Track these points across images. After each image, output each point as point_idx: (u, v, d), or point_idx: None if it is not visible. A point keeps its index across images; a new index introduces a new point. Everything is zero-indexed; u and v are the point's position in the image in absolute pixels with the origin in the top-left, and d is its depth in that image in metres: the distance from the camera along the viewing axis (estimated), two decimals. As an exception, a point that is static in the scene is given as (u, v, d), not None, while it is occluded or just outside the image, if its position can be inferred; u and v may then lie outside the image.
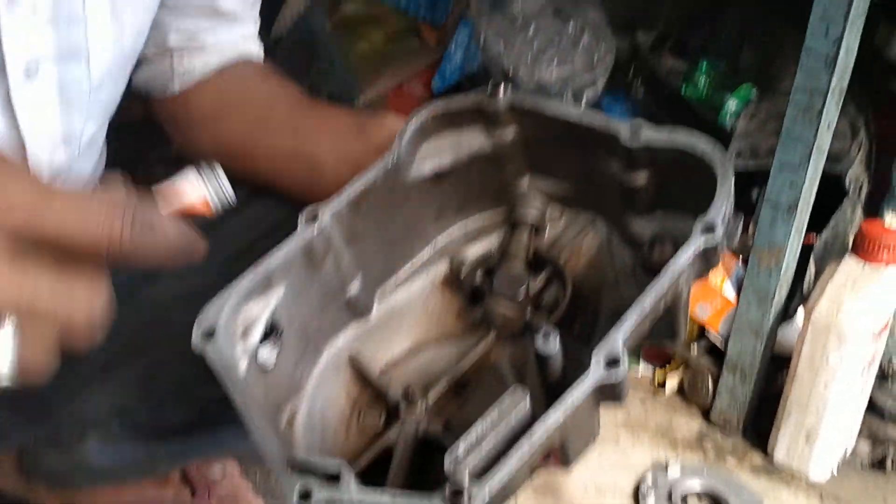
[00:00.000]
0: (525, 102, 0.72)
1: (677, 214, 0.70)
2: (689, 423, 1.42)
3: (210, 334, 0.60)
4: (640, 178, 0.68)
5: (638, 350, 1.55)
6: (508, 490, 0.52)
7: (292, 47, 2.24)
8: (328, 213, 0.68)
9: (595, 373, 0.53)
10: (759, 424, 1.39)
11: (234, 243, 0.91)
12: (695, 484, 1.25)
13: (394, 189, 0.72)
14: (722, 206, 0.60)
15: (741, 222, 0.63)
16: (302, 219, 0.67)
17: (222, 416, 0.96)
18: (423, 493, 0.50)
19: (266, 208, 0.95)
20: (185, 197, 0.56)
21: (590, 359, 0.54)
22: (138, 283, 0.92)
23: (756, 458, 1.34)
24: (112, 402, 0.93)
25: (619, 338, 0.55)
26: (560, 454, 0.57)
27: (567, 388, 0.53)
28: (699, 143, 0.64)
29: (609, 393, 0.54)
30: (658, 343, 0.68)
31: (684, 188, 0.67)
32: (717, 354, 1.40)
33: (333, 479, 0.52)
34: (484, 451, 0.54)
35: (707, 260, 0.60)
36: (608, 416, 1.42)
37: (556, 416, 0.52)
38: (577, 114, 0.70)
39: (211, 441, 0.97)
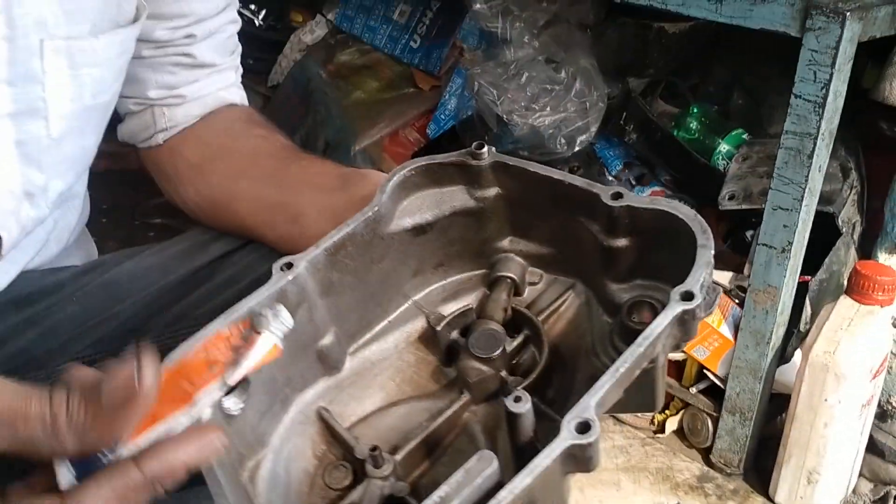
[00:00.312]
0: (508, 162, 0.72)
1: (656, 282, 0.70)
2: (689, 466, 1.41)
3: None
4: (621, 242, 0.68)
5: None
6: None
7: (288, 95, 2.27)
8: (304, 261, 0.67)
9: (565, 437, 0.52)
10: (760, 465, 1.38)
11: (221, 295, 0.91)
12: (697, 527, 1.25)
13: (372, 242, 0.72)
14: (701, 274, 0.60)
15: (718, 294, 0.63)
16: (276, 267, 0.67)
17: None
18: None
19: (257, 258, 0.94)
20: (259, 359, 0.55)
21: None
22: (127, 338, 0.91)
23: (757, 500, 1.34)
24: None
25: (591, 403, 0.53)
26: None
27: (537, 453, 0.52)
28: (680, 208, 0.64)
29: (580, 458, 0.53)
30: (636, 411, 0.67)
31: (664, 256, 0.67)
32: (716, 395, 1.40)
33: None
34: None
35: (684, 328, 0.59)
36: (609, 460, 1.42)
37: (522, 480, 0.51)
38: (559, 175, 0.70)
39: (206, 494, 0.96)
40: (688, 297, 0.58)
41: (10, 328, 0.91)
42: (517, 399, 0.58)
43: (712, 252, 0.61)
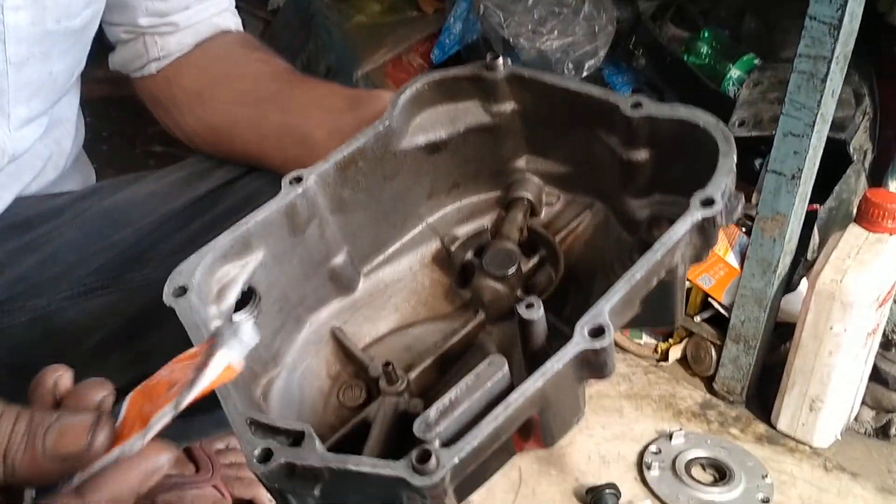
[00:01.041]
0: (524, 73, 0.70)
1: (676, 196, 0.68)
2: (692, 394, 1.42)
3: (183, 291, 0.58)
4: (641, 154, 0.66)
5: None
6: (480, 461, 0.50)
7: (289, 19, 2.22)
8: (313, 175, 0.66)
9: (578, 342, 0.51)
10: (763, 393, 1.39)
11: (224, 224, 0.90)
12: (698, 453, 1.26)
13: (384, 158, 0.71)
14: (722, 181, 0.57)
15: (741, 200, 0.61)
16: (286, 181, 0.66)
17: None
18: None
19: (261, 185, 0.93)
20: (210, 380, 0.52)
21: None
22: (128, 266, 0.91)
23: (759, 427, 1.34)
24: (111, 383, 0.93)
25: (605, 308, 0.52)
26: (541, 430, 0.55)
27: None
28: (702, 116, 0.62)
29: (593, 364, 0.52)
30: (654, 326, 0.65)
31: (685, 167, 0.65)
32: (720, 324, 1.40)
33: (297, 442, 0.50)
34: (457, 416, 0.52)
35: (704, 236, 0.57)
36: (612, 387, 1.42)
37: (534, 383, 0.50)
38: (576, 85, 0.68)
39: (211, 421, 0.97)
40: (708, 202, 0.56)
41: (10, 254, 0.90)
42: (529, 305, 0.57)
43: (735, 159, 0.59)
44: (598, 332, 0.51)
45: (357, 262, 0.72)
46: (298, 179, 0.66)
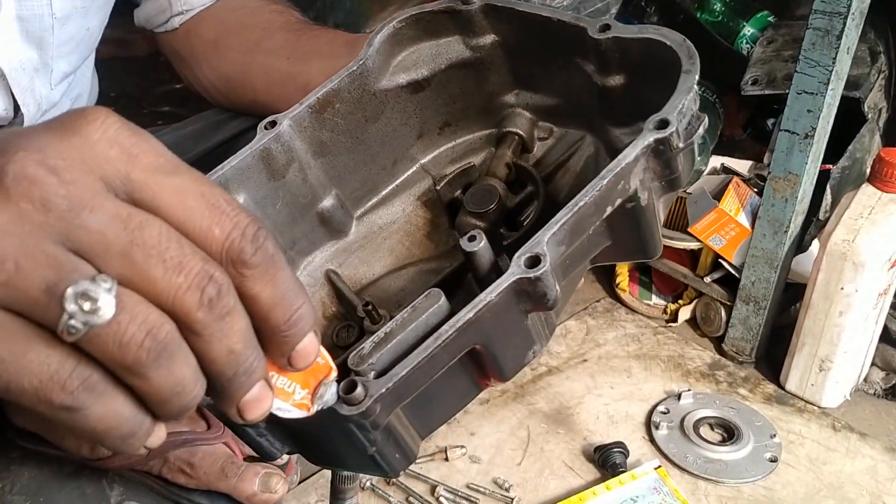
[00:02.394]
0: (497, 3, 0.69)
1: None
2: (701, 354, 1.42)
3: None
4: (616, 79, 0.65)
5: (649, 281, 1.54)
6: (423, 392, 0.50)
7: (297, -23, 2.20)
8: (287, 119, 0.66)
9: (513, 272, 0.50)
10: (772, 354, 1.39)
11: None
12: (707, 413, 1.26)
13: (363, 99, 0.70)
14: (680, 100, 0.55)
15: (703, 121, 0.58)
16: (261, 126, 0.66)
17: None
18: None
19: None
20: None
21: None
22: None
23: (768, 387, 1.35)
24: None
25: (544, 238, 0.51)
26: (491, 364, 0.54)
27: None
28: (668, 35, 0.59)
29: (532, 294, 0.51)
30: (631, 258, 0.64)
31: (661, 93, 0.64)
32: (730, 285, 1.39)
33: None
34: (390, 348, 0.52)
35: (662, 159, 0.55)
36: (620, 347, 1.42)
37: (466, 314, 0.49)
38: (548, 11, 0.67)
39: None
40: (662, 125, 0.54)
41: None
42: (471, 238, 0.56)
43: (696, 77, 0.57)
44: (534, 261, 0.50)
45: (349, 205, 0.73)
46: (273, 124, 0.66)
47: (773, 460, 1.19)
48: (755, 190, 1.37)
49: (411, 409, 0.53)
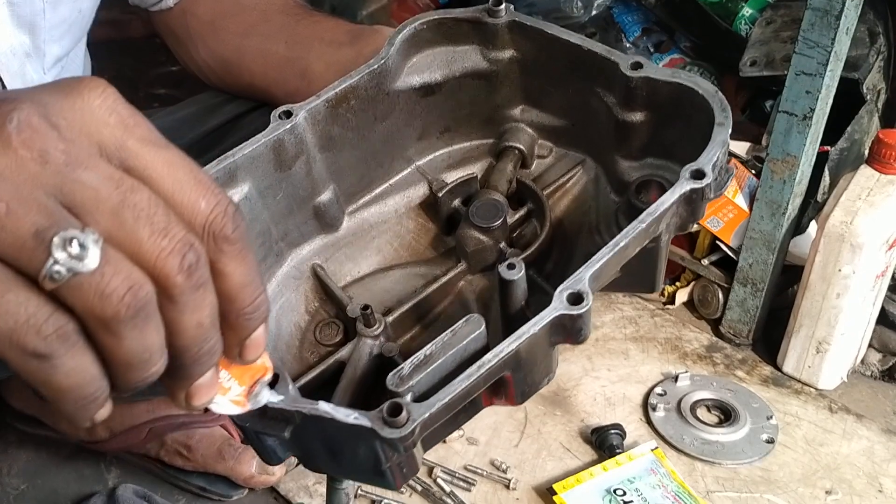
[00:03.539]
0: (526, 22, 0.69)
1: (668, 161, 0.68)
2: (698, 337, 1.42)
3: None
4: (637, 116, 0.66)
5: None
6: (450, 415, 0.50)
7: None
8: (303, 111, 0.66)
9: (556, 307, 0.52)
10: (769, 336, 1.39)
11: None
12: (704, 395, 1.26)
13: (377, 97, 0.70)
14: (715, 153, 0.57)
15: (732, 174, 0.60)
16: (275, 115, 0.65)
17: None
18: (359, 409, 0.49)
19: (267, 122, 0.93)
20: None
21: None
22: None
23: (765, 369, 1.35)
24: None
25: (586, 276, 0.53)
26: (512, 389, 0.55)
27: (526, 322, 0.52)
28: (701, 83, 0.61)
29: (570, 329, 0.52)
30: (633, 291, 0.66)
31: (679, 133, 0.65)
32: (727, 267, 1.39)
33: (270, 384, 0.50)
34: (430, 371, 0.53)
35: (692, 207, 0.58)
36: (618, 329, 1.42)
37: (509, 345, 0.51)
38: (578, 39, 0.67)
39: None
40: (698, 175, 0.56)
41: None
42: (511, 266, 0.57)
43: (729, 131, 0.59)
44: (577, 298, 0.52)
45: (343, 201, 0.72)
46: (288, 114, 0.65)
47: (770, 442, 1.19)
48: (753, 172, 1.37)
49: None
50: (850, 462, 1.17)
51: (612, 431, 1.17)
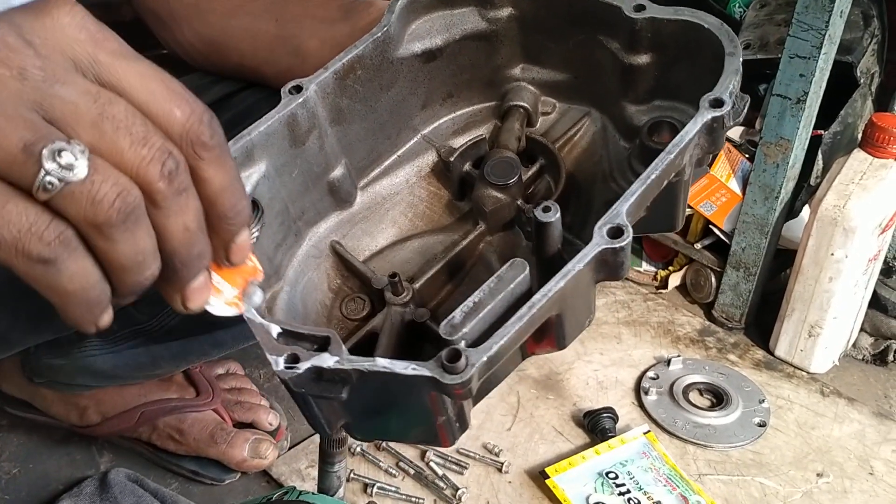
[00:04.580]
0: None
1: (676, 102, 0.68)
2: (690, 321, 1.42)
3: None
4: (643, 58, 0.66)
5: (640, 248, 1.54)
6: (502, 360, 0.51)
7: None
8: (313, 84, 0.65)
9: (598, 242, 0.52)
10: (762, 320, 1.39)
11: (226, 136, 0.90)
12: (696, 378, 1.26)
13: (382, 66, 0.70)
14: (730, 82, 0.58)
15: (747, 101, 0.61)
16: (285, 90, 0.65)
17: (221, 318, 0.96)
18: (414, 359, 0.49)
19: (259, 100, 0.92)
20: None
21: (587, 237, 0.53)
22: None
23: (758, 353, 1.35)
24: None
25: (622, 210, 0.53)
26: (555, 331, 0.56)
27: (563, 266, 0.52)
28: (706, 17, 0.61)
29: (611, 264, 0.53)
30: (657, 230, 0.67)
31: (685, 73, 0.65)
32: (720, 251, 1.39)
33: (322, 347, 0.51)
34: (481, 317, 0.53)
35: (713, 137, 0.58)
36: (610, 314, 1.42)
37: (557, 283, 0.51)
38: None
39: (210, 342, 0.97)
40: (717, 104, 0.57)
41: None
42: (546, 209, 0.58)
43: (741, 59, 0.59)
44: (617, 232, 0.52)
45: (354, 175, 0.72)
46: (298, 89, 0.65)
47: (762, 425, 1.20)
48: (746, 156, 1.37)
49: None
50: (841, 445, 1.18)
51: (605, 415, 1.17)
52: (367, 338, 0.63)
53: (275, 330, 0.52)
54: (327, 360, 0.50)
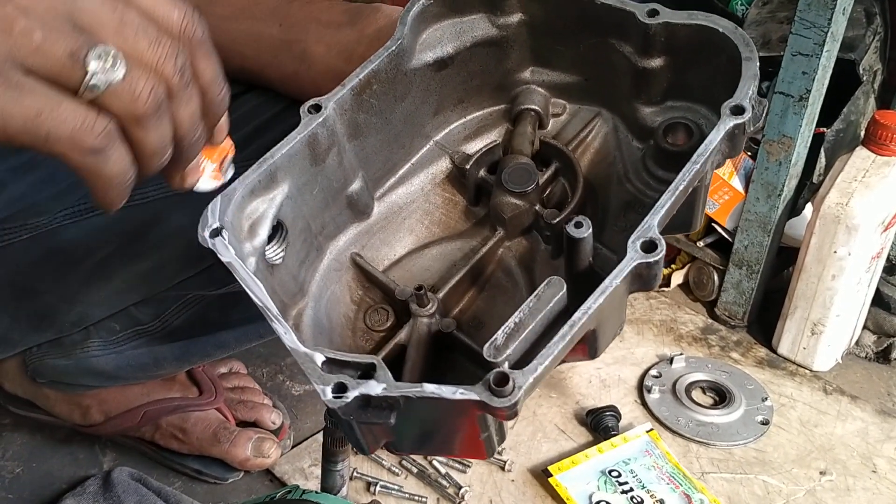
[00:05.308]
0: None
1: (690, 102, 0.68)
2: (693, 319, 1.42)
3: (217, 231, 0.58)
4: (656, 62, 0.66)
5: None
6: (543, 379, 0.51)
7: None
8: (331, 102, 0.65)
9: (633, 257, 0.53)
10: (764, 318, 1.39)
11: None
12: (699, 376, 1.26)
13: (396, 79, 0.70)
14: (748, 87, 0.59)
15: (766, 106, 0.62)
16: (304, 110, 0.65)
17: (223, 319, 0.96)
18: (459, 384, 0.50)
19: (261, 102, 0.92)
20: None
21: (622, 249, 0.54)
22: None
23: (760, 351, 1.35)
24: (112, 304, 0.93)
25: (654, 223, 0.54)
26: (589, 343, 0.57)
27: (595, 277, 0.53)
28: (720, 22, 0.62)
29: (645, 277, 0.54)
30: (677, 232, 0.67)
31: (699, 75, 0.65)
32: (723, 249, 1.39)
33: (366, 374, 0.51)
34: (523, 338, 0.54)
35: (733, 143, 0.59)
36: (613, 312, 1.42)
37: (596, 300, 0.52)
38: None
39: (213, 343, 0.97)
40: (738, 111, 0.58)
41: (10, 171, 0.89)
42: (578, 225, 0.58)
43: (757, 64, 0.60)
44: (651, 246, 0.53)
45: (371, 187, 0.72)
46: (317, 108, 0.65)
47: (765, 423, 1.20)
48: (749, 153, 1.37)
49: None
50: (844, 443, 1.18)
51: (608, 413, 1.17)
52: (395, 351, 0.63)
53: (319, 359, 0.52)
54: (375, 388, 0.50)
